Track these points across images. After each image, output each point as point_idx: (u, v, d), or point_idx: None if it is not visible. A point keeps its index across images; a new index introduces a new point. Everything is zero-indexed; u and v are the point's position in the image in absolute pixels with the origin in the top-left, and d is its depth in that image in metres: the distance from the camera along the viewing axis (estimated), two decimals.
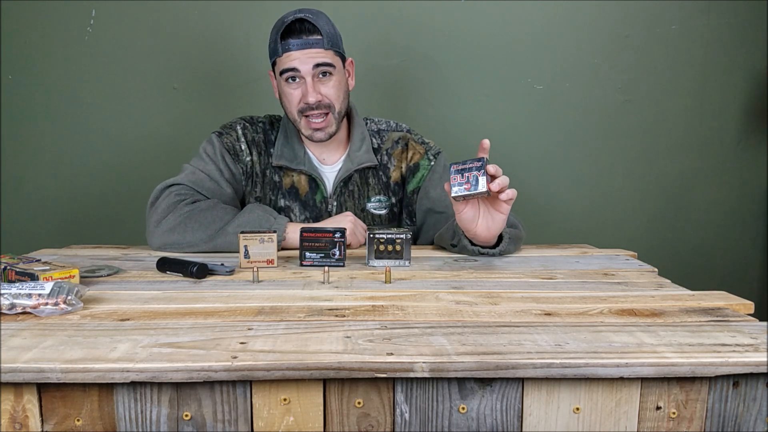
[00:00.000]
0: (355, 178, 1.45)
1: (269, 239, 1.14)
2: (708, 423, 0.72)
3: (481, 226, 1.19)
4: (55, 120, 1.98)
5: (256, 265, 1.12)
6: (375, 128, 1.50)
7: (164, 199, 1.33)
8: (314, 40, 1.33)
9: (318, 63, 1.33)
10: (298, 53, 1.32)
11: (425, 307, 0.88)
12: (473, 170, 1.13)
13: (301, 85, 1.35)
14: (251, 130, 1.45)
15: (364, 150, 1.44)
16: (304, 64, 1.33)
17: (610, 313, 0.86)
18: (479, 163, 1.13)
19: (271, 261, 1.15)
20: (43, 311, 0.82)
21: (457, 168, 1.14)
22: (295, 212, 1.44)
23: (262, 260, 1.14)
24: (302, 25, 1.32)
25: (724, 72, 2.06)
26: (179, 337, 0.74)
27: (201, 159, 1.41)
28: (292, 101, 1.37)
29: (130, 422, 0.69)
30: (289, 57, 1.33)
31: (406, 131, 1.51)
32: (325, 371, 0.67)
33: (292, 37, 1.32)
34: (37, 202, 2.01)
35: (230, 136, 1.43)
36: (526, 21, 2.01)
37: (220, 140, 1.42)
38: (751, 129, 2.10)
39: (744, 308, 0.90)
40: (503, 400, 0.71)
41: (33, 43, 1.94)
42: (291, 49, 1.33)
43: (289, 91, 1.36)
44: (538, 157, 2.07)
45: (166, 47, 1.96)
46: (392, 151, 1.48)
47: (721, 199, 2.13)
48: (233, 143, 1.42)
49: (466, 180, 1.13)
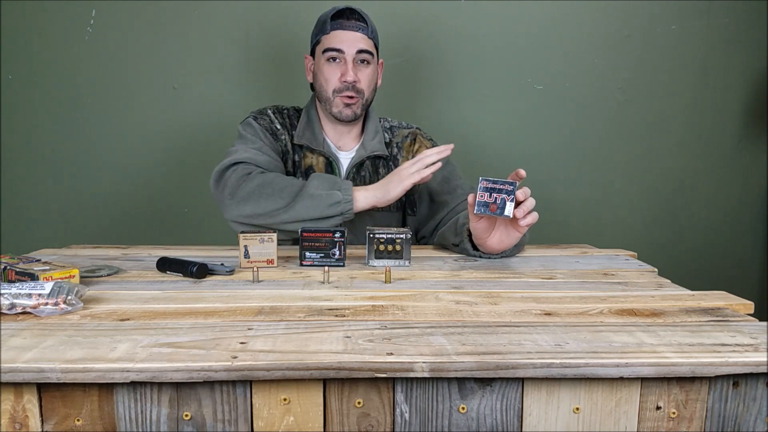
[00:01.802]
0: (367, 165, 1.51)
1: (269, 239, 1.14)
2: (708, 423, 0.72)
3: (495, 238, 1.19)
4: (55, 120, 1.98)
5: (255, 265, 1.13)
6: (388, 125, 1.58)
7: (231, 174, 1.34)
8: (361, 26, 1.43)
9: (361, 49, 1.42)
10: (347, 33, 1.42)
11: (425, 307, 0.88)
12: (503, 193, 1.10)
13: (341, 65, 1.42)
14: (279, 115, 1.51)
15: (377, 141, 1.52)
16: (350, 47, 1.41)
17: (610, 313, 0.86)
18: (511, 187, 1.10)
19: (271, 261, 1.15)
20: (43, 311, 0.82)
21: (487, 185, 1.11)
22: None
23: (261, 260, 1.14)
24: (352, 14, 1.44)
25: (724, 72, 2.06)
26: (179, 337, 0.74)
27: (246, 139, 1.43)
28: (330, 79, 1.43)
29: (130, 422, 0.69)
30: (336, 36, 1.42)
31: (415, 128, 1.59)
32: (325, 371, 0.67)
33: (343, 18, 1.43)
34: (37, 202, 2.01)
35: (265, 119, 1.48)
36: (526, 21, 2.01)
37: (257, 122, 1.46)
38: (751, 129, 2.10)
39: (744, 308, 0.90)
40: (503, 400, 0.71)
41: (33, 43, 1.94)
42: (339, 28, 1.42)
43: (328, 70, 1.43)
44: (538, 157, 2.07)
45: (166, 47, 1.96)
46: (402, 144, 1.55)
47: (721, 199, 2.13)
48: (269, 125, 1.47)
49: (494, 201, 1.10)
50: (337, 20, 1.43)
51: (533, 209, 1.13)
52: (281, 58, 1.97)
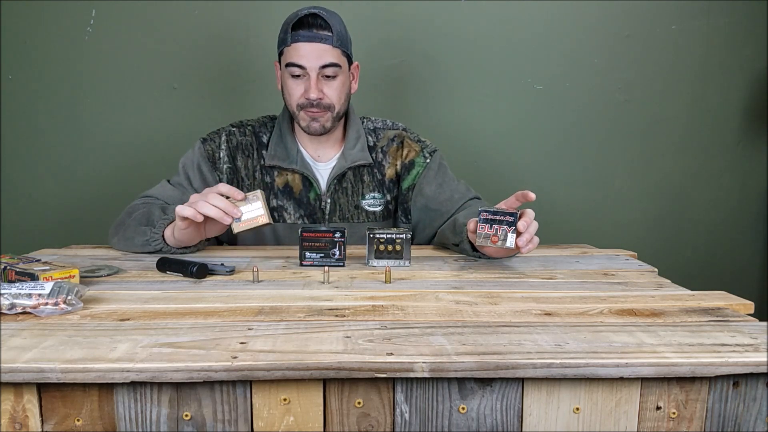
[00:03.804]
0: (349, 175, 1.46)
1: (254, 196, 1.10)
2: (708, 423, 0.72)
3: (493, 250, 1.17)
4: (55, 120, 1.98)
5: (249, 225, 1.10)
6: (371, 126, 1.51)
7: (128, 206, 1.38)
8: (324, 35, 1.34)
9: (325, 64, 1.34)
10: (308, 46, 1.33)
11: (425, 307, 0.88)
12: (503, 224, 1.08)
13: (305, 80, 1.35)
14: (238, 135, 1.45)
15: (358, 148, 1.45)
16: (312, 62, 1.33)
17: (610, 313, 0.86)
18: (512, 218, 1.08)
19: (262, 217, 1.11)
20: (43, 311, 0.82)
21: (487, 217, 1.09)
22: (289, 211, 1.44)
23: (252, 219, 1.10)
24: (315, 20, 1.34)
25: (724, 72, 2.06)
26: (179, 337, 0.74)
27: (177, 173, 1.44)
28: (293, 95, 1.38)
29: (130, 422, 0.69)
30: (297, 50, 1.34)
31: (401, 129, 1.51)
32: (325, 371, 0.67)
33: (303, 29, 1.34)
34: (37, 202, 2.01)
35: (213, 143, 1.44)
36: (526, 21, 2.01)
37: (203, 146, 1.43)
38: (751, 129, 2.10)
39: (744, 308, 0.90)
40: (503, 400, 0.71)
41: (33, 43, 1.94)
42: (300, 41, 1.33)
43: (291, 84, 1.37)
44: (537, 157, 2.07)
45: (166, 47, 1.96)
46: (387, 148, 1.48)
47: (721, 199, 2.13)
48: (213, 151, 1.43)
49: (495, 232, 1.08)
50: (298, 31, 1.33)
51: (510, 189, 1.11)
52: None
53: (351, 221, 1.46)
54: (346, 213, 1.46)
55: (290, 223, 1.44)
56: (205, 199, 1.11)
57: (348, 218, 1.46)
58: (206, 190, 1.15)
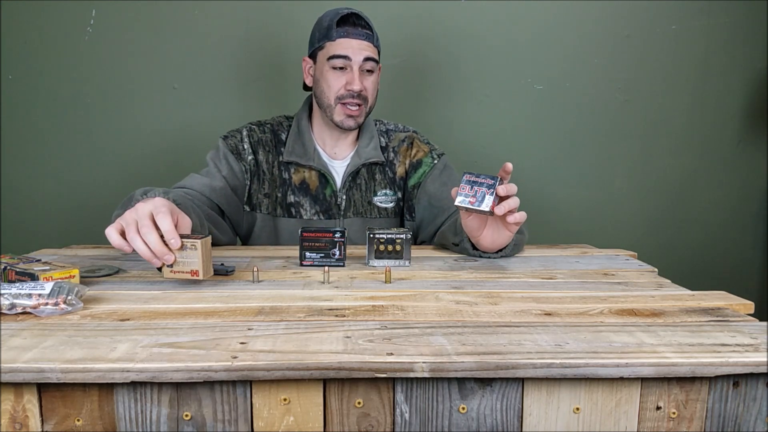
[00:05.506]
0: (363, 172, 1.50)
1: (192, 246, 0.95)
2: (708, 423, 0.72)
3: (486, 236, 1.19)
4: (55, 120, 1.98)
5: (181, 276, 0.97)
6: (384, 128, 1.57)
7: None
8: (367, 34, 1.42)
9: (368, 57, 1.40)
10: (354, 41, 1.40)
11: (425, 307, 0.88)
12: (483, 186, 1.11)
13: (347, 73, 1.40)
14: (258, 132, 1.50)
15: (371, 147, 1.50)
16: (357, 55, 1.39)
17: (610, 313, 0.86)
18: (492, 181, 1.10)
19: (196, 272, 0.96)
20: (43, 311, 0.82)
21: (469, 179, 1.12)
22: (306, 207, 1.48)
23: (186, 270, 0.97)
24: (357, 20, 1.41)
25: (724, 72, 2.06)
26: (179, 337, 0.74)
27: (206, 166, 1.46)
28: (333, 86, 1.41)
29: (130, 422, 0.69)
30: (342, 44, 1.39)
31: (412, 132, 1.57)
32: (325, 371, 0.67)
33: (348, 25, 1.40)
34: (37, 202, 2.01)
35: (234, 138, 1.48)
36: (526, 21, 2.01)
37: (225, 143, 1.47)
38: (751, 129, 2.10)
39: (744, 308, 0.90)
40: (503, 400, 0.71)
41: (33, 43, 1.94)
42: (346, 36, 1.40)
43: (332, 77, 1.41)
44: (537, 157, 2.07)
45: (166, 47, 1.96)
46: (398, 148, 1.54)
47: (721, 199, 2.13)
48: (236, 144, 1.47)
49: (474, 194, 1.11)
50: (344, 27, 1.40)
51: (520, 208, 1.12)
52: (282, 59, 1.97)
53: (365, 216, 1.51)
54: (360, 209, 1.50)
55: (306, 219, 1.48)
56: (140, 229, 0.94)
57: (362, 213, 1.50)
58: (144, 212, 0.95)
